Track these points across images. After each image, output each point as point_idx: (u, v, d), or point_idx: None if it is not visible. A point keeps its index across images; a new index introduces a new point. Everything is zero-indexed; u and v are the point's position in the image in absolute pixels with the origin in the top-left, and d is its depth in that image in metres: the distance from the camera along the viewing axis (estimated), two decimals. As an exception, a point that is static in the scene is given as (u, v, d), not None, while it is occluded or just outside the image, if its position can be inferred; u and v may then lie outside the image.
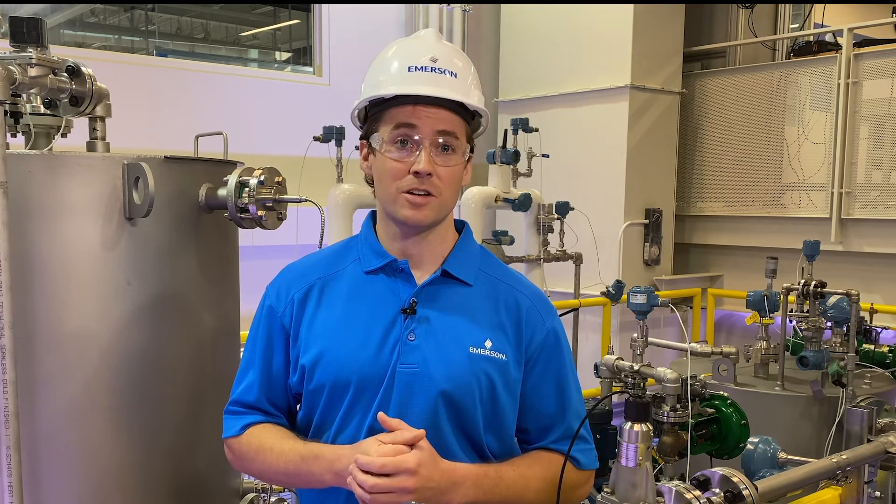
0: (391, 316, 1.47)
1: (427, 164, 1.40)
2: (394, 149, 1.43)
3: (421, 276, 1.51)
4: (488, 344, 1.47)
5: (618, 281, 4.41)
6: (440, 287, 1.50)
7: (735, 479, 1.48)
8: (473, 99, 1.46)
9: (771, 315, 3.81)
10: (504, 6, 6.18)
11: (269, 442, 1.50)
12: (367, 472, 1.29)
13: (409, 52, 1.46)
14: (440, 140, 1.42)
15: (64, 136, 2.04)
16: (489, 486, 1.42)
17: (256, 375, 1.55)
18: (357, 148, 1.56)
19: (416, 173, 1.41)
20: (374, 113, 1.48)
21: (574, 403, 1.56)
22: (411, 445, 1.33)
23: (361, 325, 1.48)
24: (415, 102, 1.42)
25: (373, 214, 1.59)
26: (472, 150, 1.51)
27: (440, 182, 1.43)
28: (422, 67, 1.42)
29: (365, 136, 1.50)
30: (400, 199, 1.44)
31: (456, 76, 1.44)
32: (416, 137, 1.42)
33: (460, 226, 1.60)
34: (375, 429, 1.39)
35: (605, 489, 1.30)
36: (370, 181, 1.53)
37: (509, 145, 4.39)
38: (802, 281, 3.59)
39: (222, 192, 1.86)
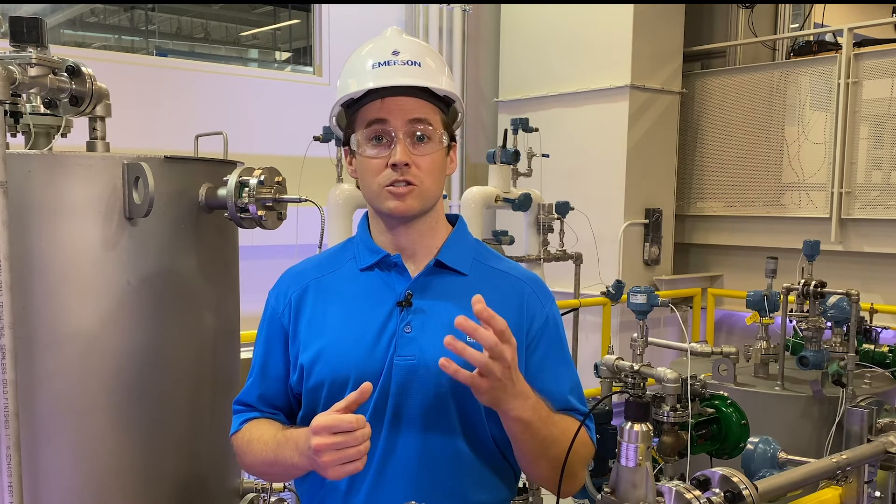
0: (387, 310, 1.49)
1: (403, 154, 1.43)
2: (369, 146, 1.46)
3: (415, 270, 1.52)
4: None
5: (618, 281, 4.41)
6: (435, 278, 1.51)
7: (735, 479, 1.47)
8: (441, 84, 1.48)
9: (771, 315, 3.80)
10: (504, 6, 6.17)
11: (258, 433, 1.52)
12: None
13: (373, 51, 1.49)
14: (414, 130, 1.44)
15: (64, 136, 2.04)
16: (544, 415, 1.41)
17: (256, 377, 1.59)
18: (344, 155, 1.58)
19: (394, 165, 1.43)
20: (349, 116, 1.51)
21: (573, 383, 1.59)
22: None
23: (358, 321, 1.49)
24: (382, 97, 1.44)
25: (367, 215, 1.60)
26: (453, 140, 1.53)
27: (420, 171, 1.45)
28: (384, 62, 1.46)
29: (346, 142, 1.52)
30: (383, 194, 1.46)
31: (419, 65, 1.47)
32: (390, 130, 1.44)
33: (454, 219, 1.61)
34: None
35: (605, 489, 1.30)
36: (359, 185, 1.55)
37: (509, 145, 4.38)
38: (802, 281, 3.58)
39: (222, 191, 1.86)
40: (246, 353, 2.04)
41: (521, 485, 2.83)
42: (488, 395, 1.33)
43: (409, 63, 1.46)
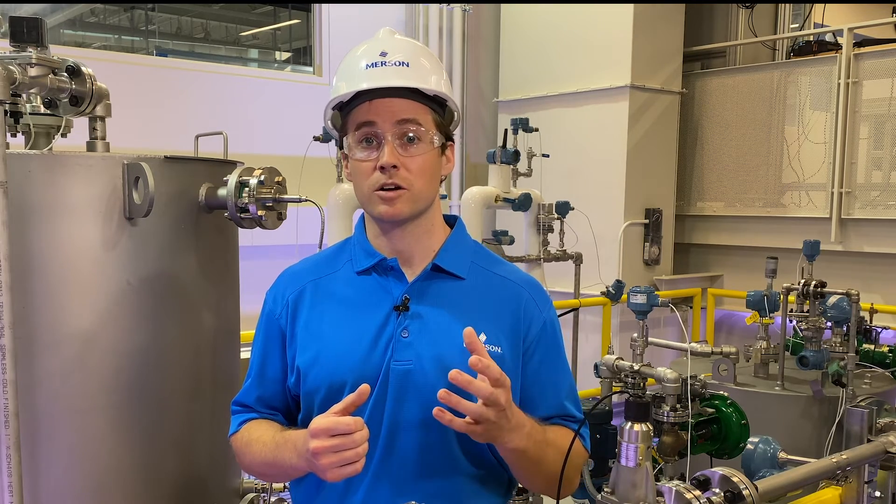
0: (384, 314, 1.48)
1: (390, 156, 1.42)
2: (359, 149, 1.45)
3: (412, 273, 1.51)
4: (482, 337, 1.46)
5: (618, 281, 4.41)
6: (432, 282, 1.51)
7: (735, 479, 1.47)
8: (430, 83, 1.46)
9: (771, 315, 3.81)
10: (504, 6, 6.17)
11: (257, 434, 1.52)
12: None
13: (364, 53, 1.48)
14: (403, 131, 1.43)
15: (64, 136, 2.04)
16: (539, 438, 1.43)
17: (254, 379, 1.58)
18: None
19: (382, 168, 1.42)
20: (342, 119, 1.50)
21: (569, 388, 1.60)
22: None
23: (355, 325, 1.49)
24: (371, 99, 1.43)
25: (364, 217, 1.59)
26: (449, 139, 1.52)
27: (409, 174, 1.44)
28: (373, 64, 1.45)
29: (341, 144, 1.52)
30: (373, 198, 1.45)
31: (408, 65, 1.45)
32: (378, 132, 1.43)
33: (453, 221, 1.60)
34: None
35: (605, 489, 1.30)
36: None
37: (509, 145, 4.38)
38: (802, 281, 3.59)
39: (222, 191, 1.86)
40: (246, 353, 2.04)
41: (520, 485, 2.82)
42: (484, 437, 1.35)
43: (398, 64, 1.45)
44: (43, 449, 1.67)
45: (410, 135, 1.44)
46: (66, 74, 1.79)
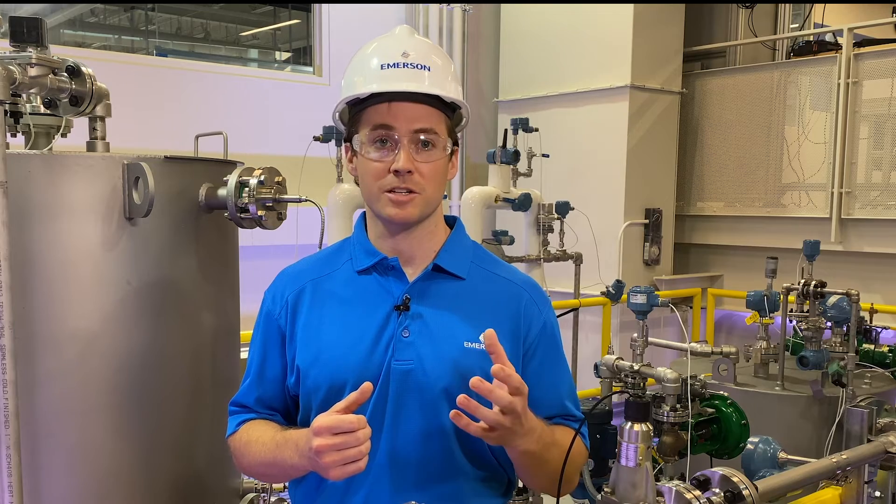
0: (385, 314, 1.48)
1: (406, 161, 1.41)
2: (373, 149, 1.44)
3: (413, 273, 1.51)
4: (483, 338, 1.47)
5: (618, 281, 4.41)
6: (432, 282, 1.51)
7: (735, 479, 1.48)
8: (450, 91, 1.45)
9: (771, 315, 3.81)
10: (504, 6, 6.17)
11: (256, 434, 1.51)
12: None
13: (383, 50, 1.46)
14: (419, 137, 1.42)
15: (64, 136, 2.04)
16: (547, 440, 1.44)
17: (253, 379, 1.58)
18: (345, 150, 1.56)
19: (396, 172, 1.41)
20: (353, 114, 1.48)
21: (569, 388, 1.60)
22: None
23: (355, 325, 1.49)
24: (390, 100, 1.42)
25: (364, 216, 1.59)
26: (455, 144, 1.51)
27: (422, 179, 1.43)
28: (394, 64, 1.43)
29: (348, 138, 1.51)
30: (383, 198, 1.44)
31: (430, 69, 1.44)
32: (394, 136, 1.42)
33: (453, 221, 1.60)
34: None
35: (605, 489, 1.30)
36: (358, 182, 1.54)
37: (509, 145, 4.38)
38: (802, 281, 3.59)
39: (222, 191, 1.86)
40: (246, 354, 2.04)
41: (521, 485, 2.83)
42: (497, 441, 1.36)
43: (419, 66, 1.43)
44: (43, 449, 1.67)
45: (425, 140, 1.43)
46: (66, 74, 1.79)
